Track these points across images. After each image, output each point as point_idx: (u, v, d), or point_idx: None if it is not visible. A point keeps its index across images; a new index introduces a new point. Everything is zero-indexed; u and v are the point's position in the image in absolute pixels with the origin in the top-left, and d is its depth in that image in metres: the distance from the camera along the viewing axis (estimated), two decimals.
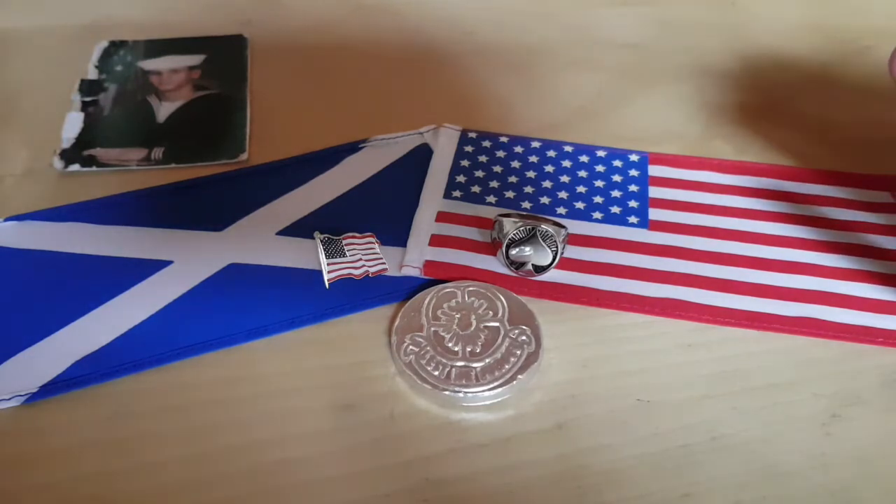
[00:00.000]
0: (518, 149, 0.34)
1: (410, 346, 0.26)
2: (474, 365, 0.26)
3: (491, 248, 0.30)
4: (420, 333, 0.27)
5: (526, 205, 0.32)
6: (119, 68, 0.38)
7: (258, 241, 0.30)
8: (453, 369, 0.26)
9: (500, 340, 0.27)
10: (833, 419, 0.25)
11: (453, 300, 0.28)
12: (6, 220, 0.31)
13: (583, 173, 0.33)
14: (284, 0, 0.43)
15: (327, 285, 0.28)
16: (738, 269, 0.30)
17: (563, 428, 0.25)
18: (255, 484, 0.24)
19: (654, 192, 0.32)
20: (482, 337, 0.27)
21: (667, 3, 0.43)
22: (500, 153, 0.34)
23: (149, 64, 0.38)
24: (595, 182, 0.33)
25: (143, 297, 0.28)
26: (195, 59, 0.39)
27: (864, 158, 0.34)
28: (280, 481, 0.24)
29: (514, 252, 0.29)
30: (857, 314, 0.28)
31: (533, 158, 0.34)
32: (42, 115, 0.36)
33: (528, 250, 0.28)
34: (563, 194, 0.32)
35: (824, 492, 0.24)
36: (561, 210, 0.32)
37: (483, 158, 0.34)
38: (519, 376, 0.26)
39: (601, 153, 0.34)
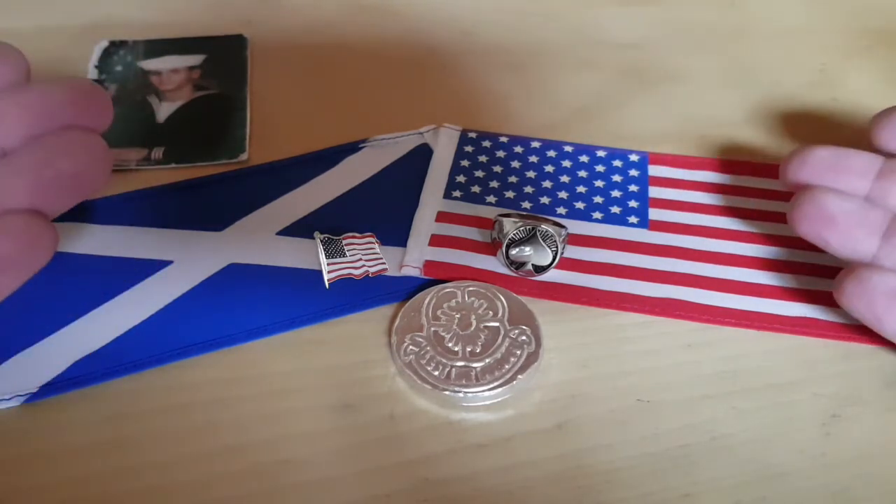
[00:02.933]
0: (518, 149, 0.34)
1: (410, 346, 0.26)
2: (474, 365, 0.26)
3: (491, 248, 0.30)
4: (420, 333, 0.27)
5: (526, 205, 0.32)
6: (119, 68, 0.38)
7: (258, 241, 0.30)
8: (453, 369, 0.26)
9: (500, 340, 0.27)
10: (833, 419, 0.25)
11: (453, 300, 0.28)
12: None
13: (583, 173, 0.33)
14: (284, 0, 0.43)
15: (327, 285, 0.28)
16: (738, 269, 0.30)
17: (563, 428, 0.25)
18: (255, 484, 0.24)
19: (654, 192, 0.32)
20: (482, 337, 0.27)
21: (667, 3, 0.43)
22: (500, 153, 0.34)
23: (149, 64, 0.38)
24: (595, 182, 0.33)
25: (143, 297, 0.28)
26: (195, 59, 0.39)
27: None
28: (280, 481, 0.24)
29: (514, 252, 0.29)
30: None
31: (533, 158, 0.34)
32: None
33: (528, 250, 0.28)
34: (563, 194, 0.32)
35: (824, 492, 0.24)
36: (561, 210, 0.32)
37: (483, 158, 0.34)
38: (519, 376, 0.26)
39: (601, 153, 0.34)
